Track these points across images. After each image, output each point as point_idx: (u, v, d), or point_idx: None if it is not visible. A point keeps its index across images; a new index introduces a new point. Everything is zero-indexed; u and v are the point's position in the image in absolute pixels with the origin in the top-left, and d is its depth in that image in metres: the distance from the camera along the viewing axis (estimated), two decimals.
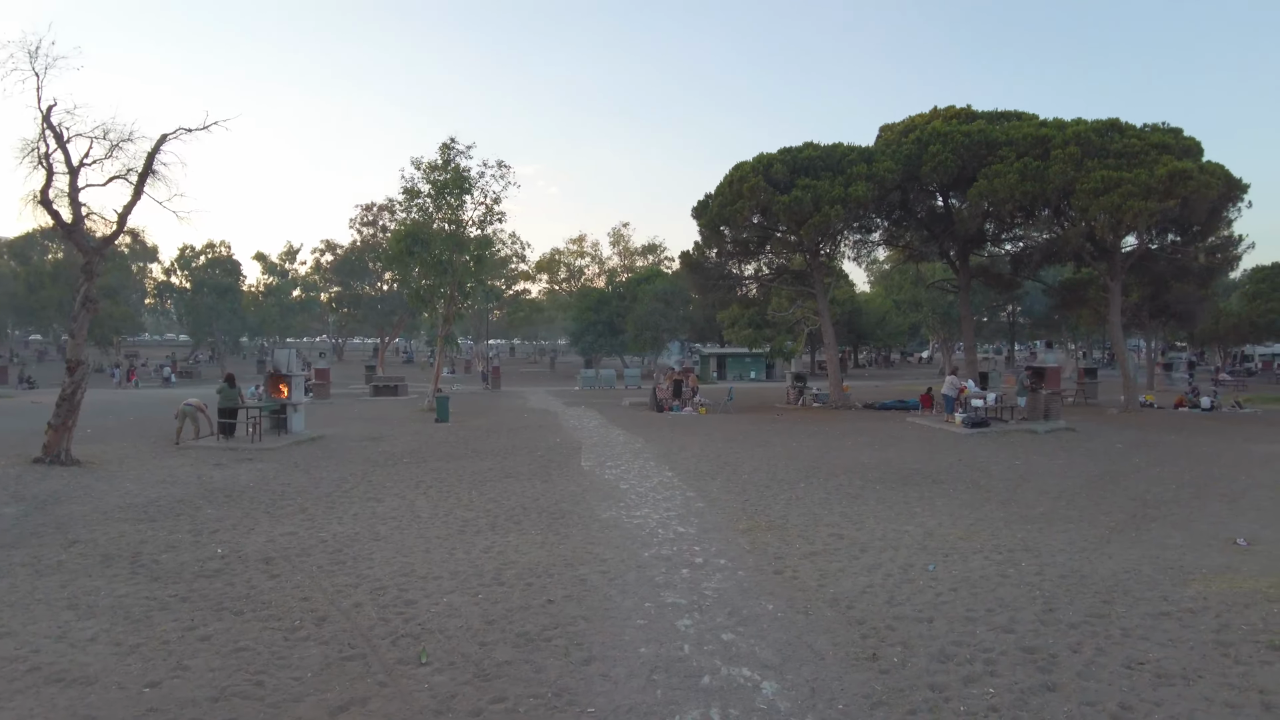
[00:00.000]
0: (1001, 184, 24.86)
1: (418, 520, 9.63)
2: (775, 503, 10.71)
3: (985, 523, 9.47)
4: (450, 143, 28.48)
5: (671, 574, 7.16)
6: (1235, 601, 6.24)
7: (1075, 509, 10.38)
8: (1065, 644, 5.34)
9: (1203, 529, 9.18)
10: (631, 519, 9.63)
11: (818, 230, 26.15)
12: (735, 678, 4.87)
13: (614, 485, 12.13)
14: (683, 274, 34.76)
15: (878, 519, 9.68)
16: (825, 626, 5.76)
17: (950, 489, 11.85)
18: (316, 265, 68.31)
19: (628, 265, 75.75)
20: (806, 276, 30.26)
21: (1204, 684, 4.68)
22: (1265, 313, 48.49)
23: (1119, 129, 26.64)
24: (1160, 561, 7.58)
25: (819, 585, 6.79)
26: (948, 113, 29.22)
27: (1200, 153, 26.28)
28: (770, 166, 26.88)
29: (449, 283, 29.16)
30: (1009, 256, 32.80)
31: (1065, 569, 7.29)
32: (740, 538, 8.60)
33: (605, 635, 5.62)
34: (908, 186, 28.18)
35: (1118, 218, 23.90)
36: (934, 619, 5.89)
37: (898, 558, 7.74)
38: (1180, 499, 11.09)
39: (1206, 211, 25.62)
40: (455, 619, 6.00)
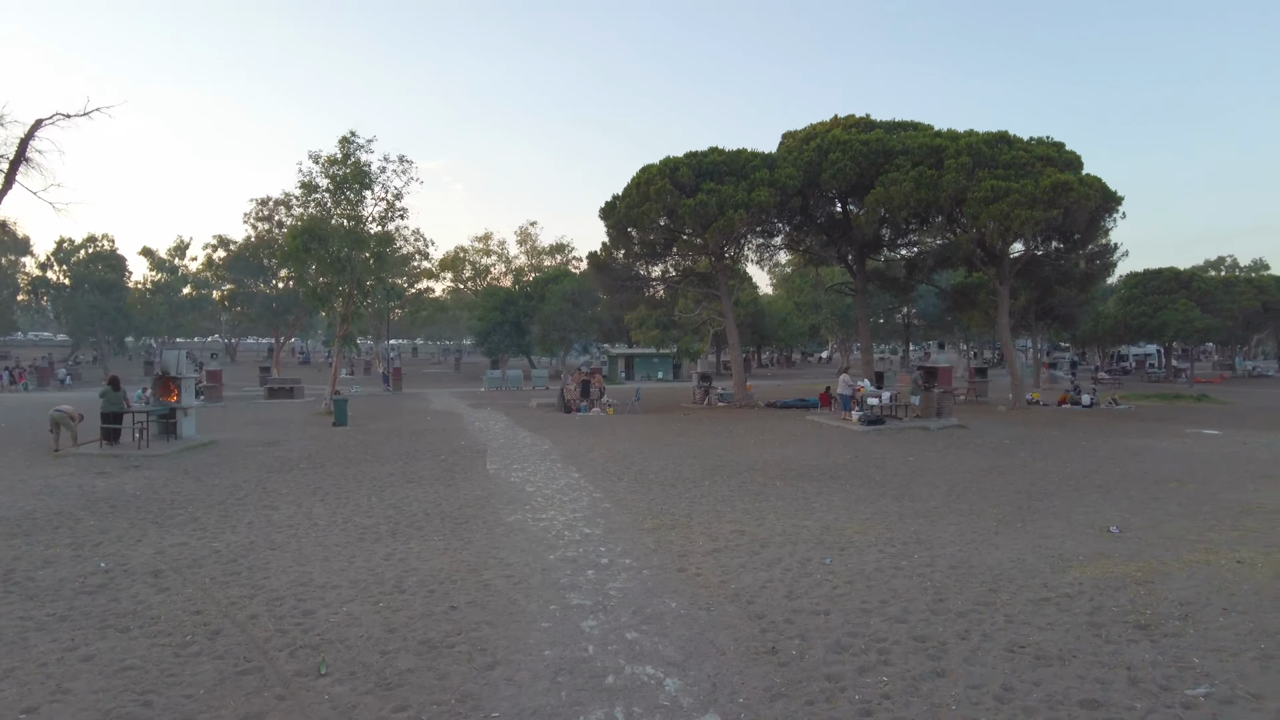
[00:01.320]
0: (897, 191, 25.85)
1: (315, 528, 9.39)
2: (680, 501, 10.89)
3: (880, 517, 9.87)
4: (350, 136, 27.78)
5: (577, 576, 7.22)
6: (1107, 585, 6.70)
7: (965, 502, 10.91)
8: (953, 631, 5.64)
9: (1081, 518, 9.78)
10: (537, 522, 9.63)
11: (722, 234, 26.63)
12: (639, 676, 4.96)
13: (520, 488, 12.09)
14: (590, 274, 34.88)
15: (778, 515, 9.96)
16: (727, 622, 5.92)
17: (847, 484, 12.29)
18: (208, 262, 65.13)
19: (535, 265, 75.25)
20: (711, 279, 30.76)
21: (1078, 663, 5.02)
22: (1138, 315, 51.96)
23: (1008, 141, 28.08)
24: (1042, 550, 8.06)
25: (721, 582, 6.96)
26: (847, 121, 30.21)
27: (1080, 166, 28.00)
28: (676, 170, 27.24)
29: (347, 281, 28.42)
30: (904, 261, 34.15)
31: (955, 560, 7.67)
32: (646, 537, 8.73)
33: (510, 639, 5.63)
34: (808, 192, 28.99)
35: (1006, 225, 25.21)
36: (830, 611, 6.13)
37: (796, 552, 7.99)
38: (1061, 491, 11.78)
39: (1086, 221, 27.30)
40: (355, 628, 5.90)
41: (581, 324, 52.67)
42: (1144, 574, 7.03)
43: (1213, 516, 9.82)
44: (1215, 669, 4.87)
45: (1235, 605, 6.12)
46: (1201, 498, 11.11)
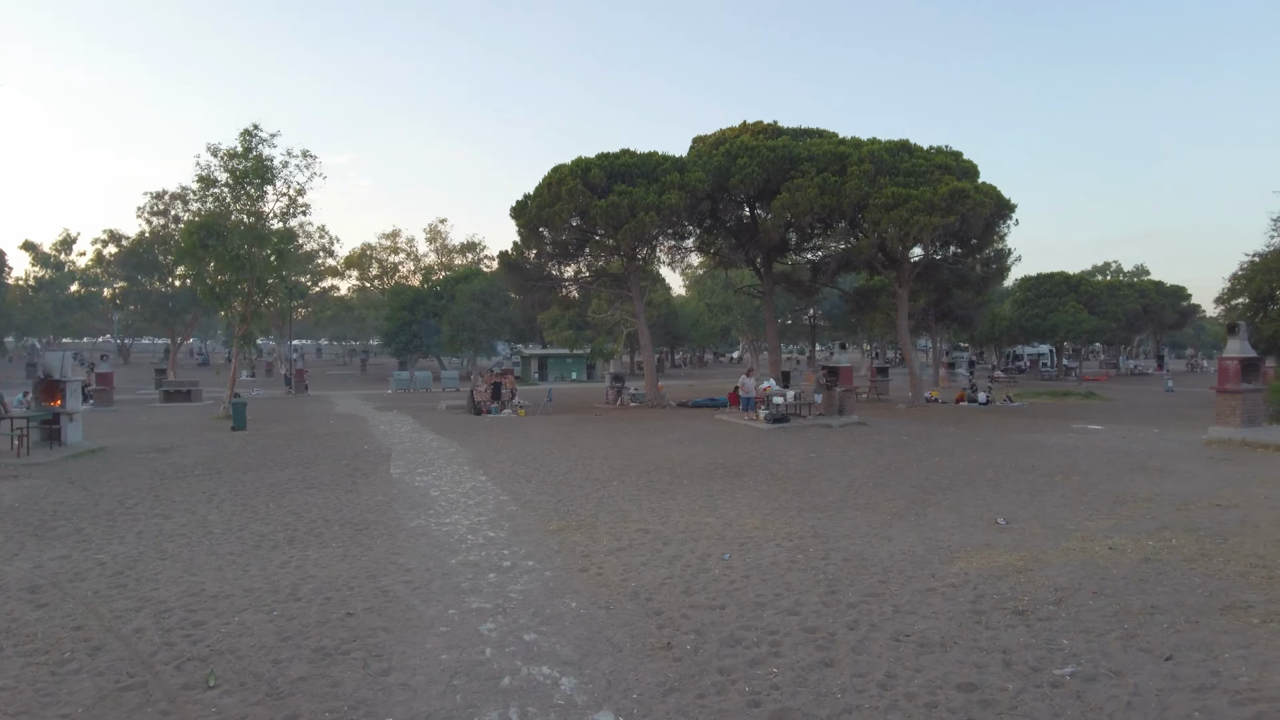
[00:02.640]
0: (802, 197, 26.50)
1: (210, 536, 9.07)
2: (587, 502, 10.92)
3: (780, 512, 10.11)
4: (253, 129, 26.84)
5: (478, 579, 7.17)
6: (990, 575, 7.02)
7: (863, 497, 11.26)
8: (843, 622, 5.84)
9: (971, 511, 10.19)
10: (440, 526, 9.52)
11: (633, 235, 26.80)
12: (535, 676, 4.98)
13: (424, 492, 11.92)
14: (501, 274, 34.59)
15: (683, 513, 10.10)
16: (625, 620, 5.98)
17: (751, 481, 12.54)
18: (98, 257, 61.70)
19: (445, 263, 74.15)
20: (624, 280, 30.91)
21: (958, 649, 5.26)
22: (1031, 317, 54.69)
23: (908, 149, 29.13)
24: (932, 542, 8.38)
25: (622, 580, 7.03)
26: (756, 127, 30.80)
27: (977, 174, 29.27)
28: (588, 171, 27.28)
29: (247, 279, 27.45)
30: (809, 264, 34.99)
31: (849, 553, 7.92)
32: (550, 539, 8.73)
33: (406, 645, 5.57)
34: (718, 196, 29.43)
35: (906, 230, 26.14)
36: (726, 606, 6.26)
37: (698, 549, 8.13)
38: (955, 485, 12.25)
39: (982, 227, 28.57)
40: (247, 638, 5.73)
41: (492, 324, 52.13)
42: (1025, 563, 7.40)
43: (1091, 506, 10.34)
44: (1082, 649, 5.18)
45: (1105, 589, 6.49)
46: (1083, 489, 11.69)
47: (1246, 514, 9.38)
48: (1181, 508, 9.93)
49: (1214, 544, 7.91)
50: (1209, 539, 8.16)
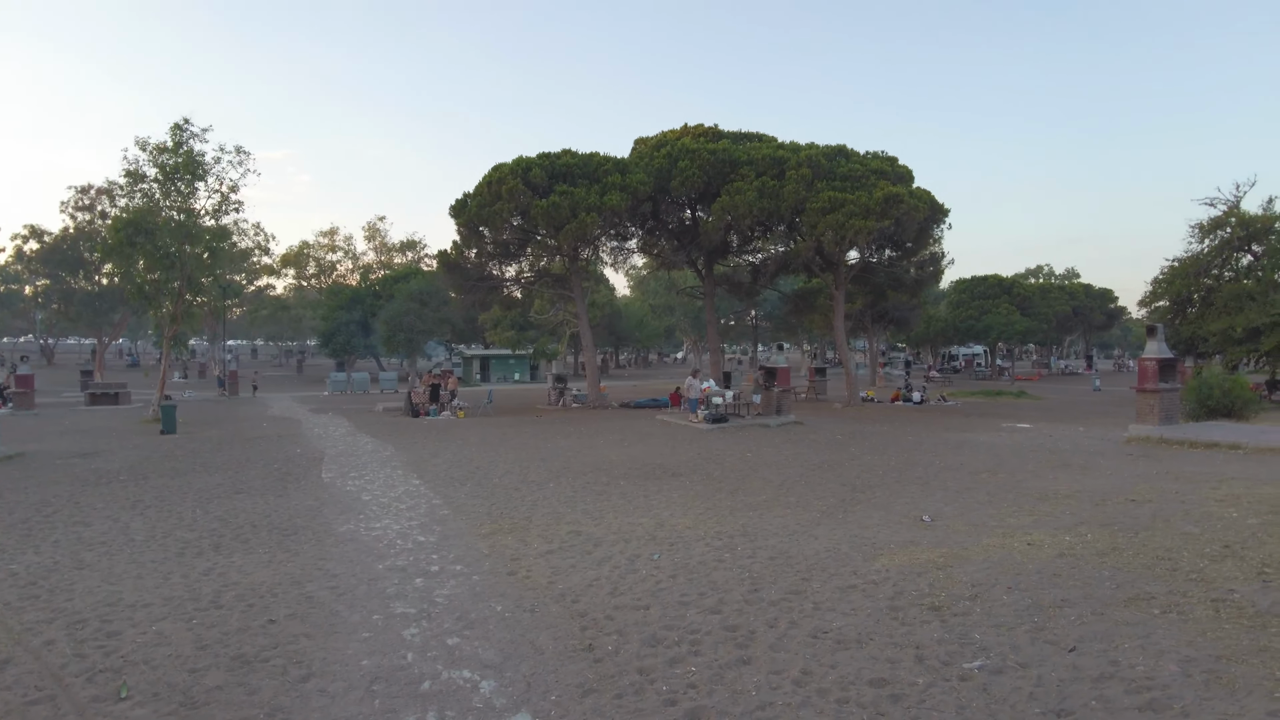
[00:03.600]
0: (742, 200, 26.83)
1: (131, 544, 8.81)
2: (521, 505, 10.88)
3: (712, 511, 10.21)
4: (183, 123, 26.15)
5: (404, 584, 7.10)
6: (911, 571, 7.17)
7: (794, 495, 11.42)
8: (763, 620, 5.91)
9: (898, 509, 10.38)
10: (370, 531, 9.39)
11: (575, 236, 26.80)
12: (455, 680, 4.96)
13: (355, 496, 11.75)
14: (440, 273, 34.26)
15: (616, 514, 10.13)
16: (549, 622, 5.98)
17: (687, 481, 12.64)
18: (18, 254, 59.37)
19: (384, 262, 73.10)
20: (566, 280, 30.88)
21: (873, 645, 5.36)
22: (966, 318, 56.18)
23: (845, 154, 29.70)
24: (858, 540, 8.52)
25: (549, 583, 7.03)
26: (696, 130, 31.09)
27: (911, 179, 29.98)
28: (529, 170, 27.21)
29: (178, 277, 26.73)
30: (750, 266, 35.42)
31: (775, 551, 8.02)
32: (480, 542, 8.67)
33: (328, 651, 5.50)
34: (659, 198, 29.64)
35: (842, 234, 26.64)
36: (650, 606, 6.30)
37: (628, 550, 8.17)
38: (885, 483, 12.48)
39: (916, 231, 29.25)
40: (164, 648, 5.59)
41: (430, 325, 51.53)
42: (945, 559, 7.58)
43: (1014, 503, 10.58)
44: (992, 643, 5.33)
45: (1019, 584, 6.67)
46: (1007, 486, 11.96)
47: (1158, 509, 9.69)
48: (1099, 503, 10.20)
49: (1126, 538, 8.14)
50: (1122, 533, 8.39)
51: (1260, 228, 29.74)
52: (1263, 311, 26.58)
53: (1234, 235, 30.20)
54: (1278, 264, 28.81)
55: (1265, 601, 5.80)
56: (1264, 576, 6.42)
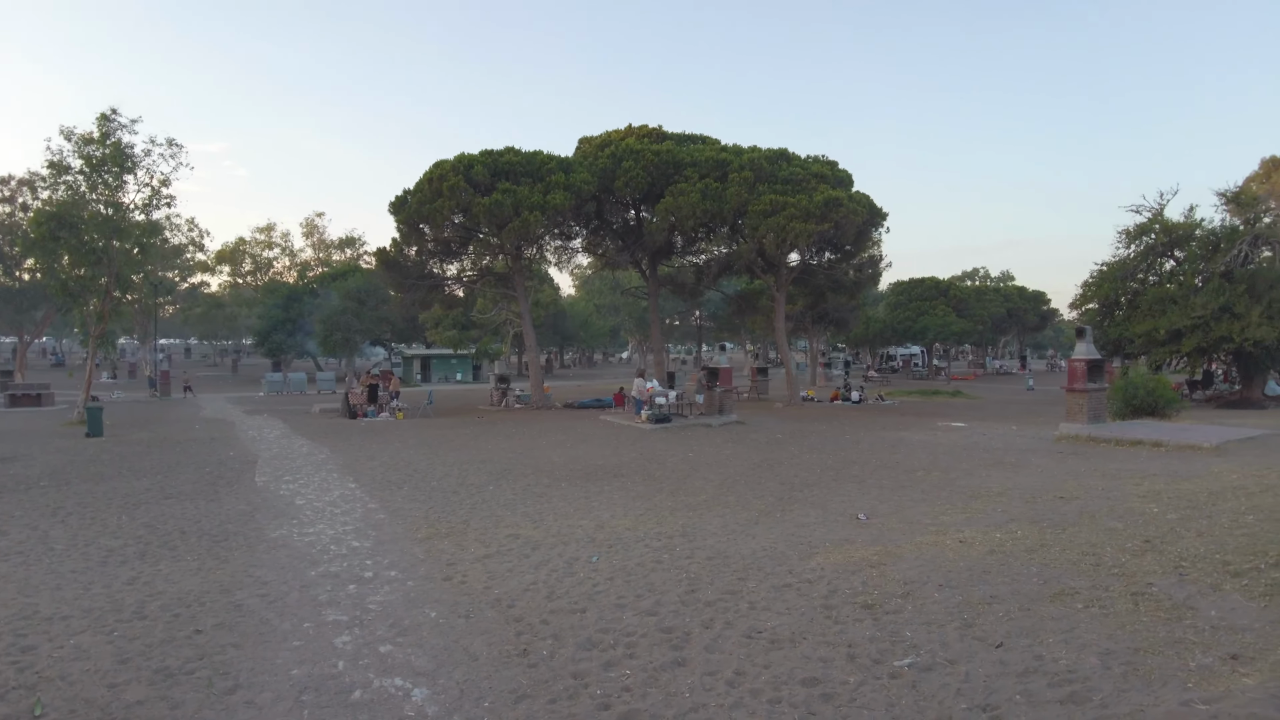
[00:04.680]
0: (685, 202, 26.97)
1: (50, 553, 8.48)
2: (459, 508, 10.76)
3: (653, 512, 10.23)
4: (111, 113, 25.22)
5: (337, 591, 6.96)
6: (845, 570, 7.26)
7: (734, 495, 11.49)
8: (699, 621, 5.93)
9: (835, 507, 10.50)
10: (303, 537, 9.19)
11: (518, 234, 26.62)
12: (387, 688, 4.87)
13: (289, 501, 11.49)
14: (380, 271, 33.74)
15: (556, 516, 10.08)
16: (484, 628, 5.92)
17: (628, 482, 12.65)
18: None
19: (323, 259, 71.66)
20: (509, 279, 30.66)
21: (806, 644, 5.42)
22: (904, 319, 57.37)
23: (786, 158, 30.05)
24: (794, 539, 8.60)
25: (485, 588, 6.96)
26: (641, 131, 31.14)
27: (851, 183, 30.46)
28: (471, 167, 26.93)
29: (105, 274, 25.81)
30: (693, 267, 35.62)
31: (713, 551, 8.06)
32: (416, 547, 8.55)
33: (256, 661, 5.36)
34: (603, 198, 29.62)
35: (783, 237, 26.96)
36: (587, 609, 6.27)
37: (566, 553, 8.12)
38: (822, 481, 12.62)
39: (855, 234, 29.73)
40: (82, 662, 5.38)
41: (369, 324, 50.67)
42: (879, 557, 7.70)
43: (947, 501, 10.75)
44: (922, 640, 5.42)
45: (950, 581, 6.80)
46: (941, 484, 12.16)
47: (1085, 505, 9.93)
48: (1029, 501, 10.42)
49: (1053, 534, 8.34)
50: (1049, 530, 8.59)
51: (1181, 234, 30.89)
52: (1183, 314, 27.58)
53: (1158, 241, 31.30)
54: (1197, 269, 29.93)
55: (1181, 594, 6.00)
56: (1180, 570, 6.63)
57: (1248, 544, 7.07)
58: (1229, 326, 26.80)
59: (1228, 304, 27.07)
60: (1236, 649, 4.81)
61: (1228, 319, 26.94)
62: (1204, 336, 27.40)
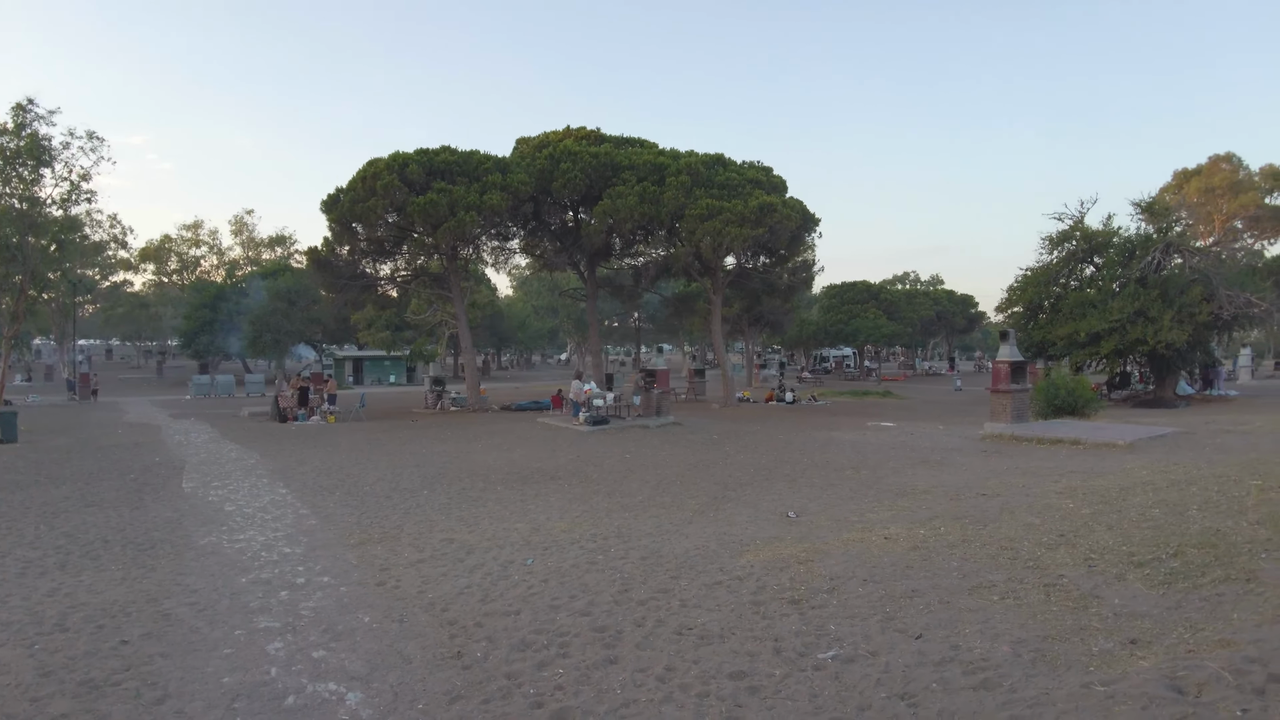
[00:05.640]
0: (623, 205, 27.15)
1: None
2: (393, 513, 10.70)
3: (589, 514, 10.32)
4: (26, 104, 24.27)
5: (269, 598, 6.90)
6: (774, 566, 7.45)
7: (669, 495, 11.65)
8: (631, 619, 6.06)
9: (766, 505, 10.73)
10: (233, 543, 9.04)
11: (453, 234, 26.42)
12: (320, 693, 4.88)
13: (218, 508, 11.26)
14: (311, 271, 33.12)
15: (492, 519, 10.10)
16: (418, 632, 5.96)
17: (565, 484, 12.72)
18: None
19: (252, 258, 69.80)
20: (444, 279, 30.40)
21: (734, 639, 5.58)
22: (836, 322, 58.62)
23: (723, 163, 30.47)
24: (726, 537, 8.78)
25: (419, 592, 6.97)
26: (579, 133, 31.21)
27: (785, 189, 31.03)
28: (406, 166, 26.64)
29: (20, 271, 24.82)
30: (632, 269, 35.83)
31: (647, 551, 8.19)
32: (349, 553, 8.50)
33: (186, 670, 5.30)
34: (541, 199, 29.58)
35: (719, 241, 27.37)
36: (521, 611, 6.35)
37: (501, 556, 8.17)
38: (755, 481, 12.86)
39: (789, 238, 30.32)
40: (2, 676, 5.26)
41: (299, 324, 49.58)
42: (807, 554, 7.92)
43: (875, 499, 11.04)
44: (846, 633, 5.64)
45: (874, 576, 7.03)
46: (869, 482, 12.48)
47: (1006, 502, 10.27)
48: (953, 498, 10.74)
49: (974, 530, 8.62)
50: (971, 525, 8.88)
51: (1101, 241, 32.22)
52: (1102, 318, 28.74)
53: (1079, 248, 32.56)
54: (1115, 275, 31.21)
55: (1089, 585, 6.32)
56: (1090, 562, 6.97)
57: (1152, 536, 7.42)
58: (1143, 330, 28.01)
59: (1142, 308, 28.30)
60: (1135, 634, 5.11)
61: (1142, 322, 28.16)
62: (1121, 339, 28.59)
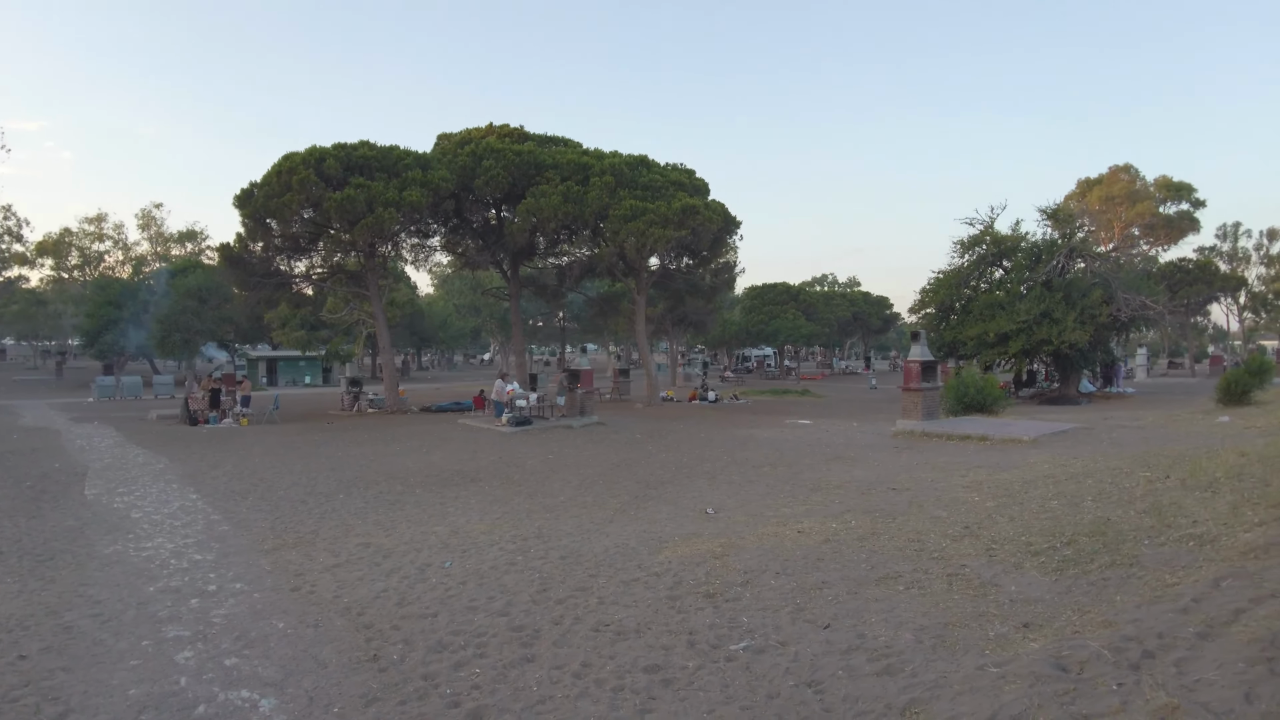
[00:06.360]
0: (547, 204, 27.11)
1: None
2: (309, 518, 10.53)
3: (510, 516, 10.35)
4: None
5: (179, 606, 6.74)
6: (691, 562, 7.62)
7: (591, 494, 11.76)
8: (549, 618, 6.14)
9: (686, 503, 10.93)
10: (140, 552, 8.77)
11: (371, 231, 25.92)
12: (233, 701, 4.83)
13: (124, 515, 10.87)
14: (223, 268, 32.05)
15: (410, 523, 10.04)
16: (333, 636, 5.93)
17: (486, 486, 12.70)
18: None
19: (160, 253, 67.00)
20: (362, 278, 29.81)
21: (650, 634, 5.72)
22: (757, 322, 59.79)
23: (647, 164, 30.70)
24: (646, 535, 8.92)
25: (335, 596, 6.93)
26: (503, 130, 30.98)
27: (707, 191, 31.47)
28: (323, 161, 26.01)
29: None
30: (555, 269, 35.76)
31: (567, 550, 8.27)
32: (263, 559, 8.35)
33: (90, 683, 5.16)
34: (463, 196, 29.25)
35: (643, 241, 27.59)
36: (439, 613, 6.37)
37: (419, 559, 8.15)
38: (676, 479, 13.07)
39: (711, 240, 30.74)
40: None
41: (210, 323, 47.91)
42: (723, 549, 8.12)
43: (790, 494, 11.34)
44: (758, 625, 5.83)
45: (786, 569, 7.26)
46: (786, 478, 12.78)
47: (915, 496, 10.65)
48: (865, 492, 11.08)
49: (884, 523, 8.94)
50: (881, 519, 9.20)
51: (1009, 245, 33.63)
52: (1010, 319, 30.00)
53: (988, 252, 33.89)
54: (1022, 278, 32.59)
55: (989, 574, 6.66)
56: (991, 552, 7.33)
57: (1050, 526, 7.84)
58: (1049, 330, 29.33)
59: (1048, 310, 29.64)
60: (1029, 618, 5.42)
61: (1048, 323, 29.48)
62: (1028, 339, 29.86)
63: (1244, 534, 6.43)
